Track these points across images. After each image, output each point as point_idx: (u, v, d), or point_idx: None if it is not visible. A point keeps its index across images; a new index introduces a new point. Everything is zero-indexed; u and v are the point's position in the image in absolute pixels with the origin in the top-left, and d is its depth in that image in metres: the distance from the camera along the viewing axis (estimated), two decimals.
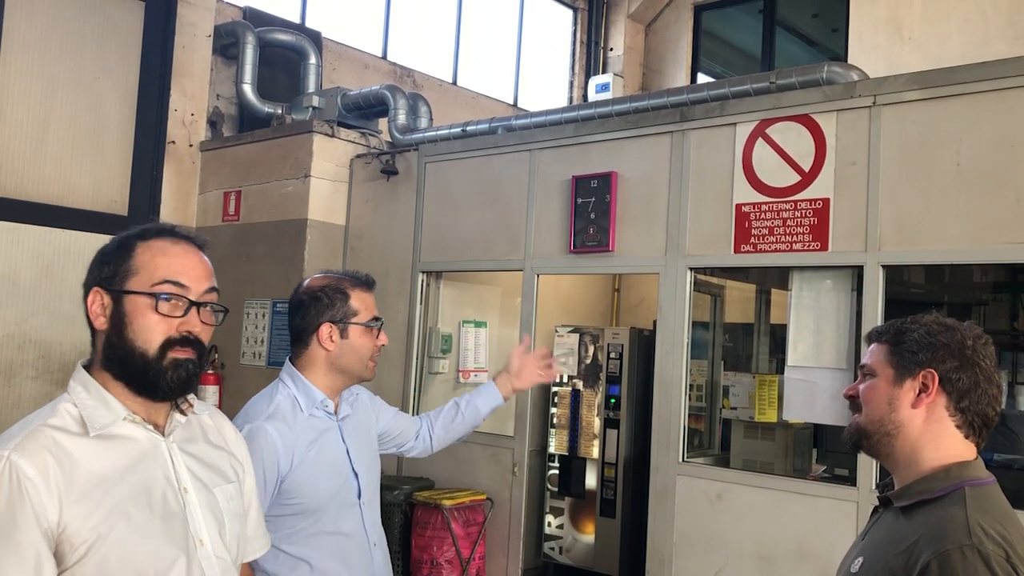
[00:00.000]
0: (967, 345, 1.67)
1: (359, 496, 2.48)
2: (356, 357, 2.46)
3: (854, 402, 1.78)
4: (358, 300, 2.48)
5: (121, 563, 1.50)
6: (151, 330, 1.59)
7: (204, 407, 1.81)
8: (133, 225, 1.71)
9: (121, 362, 1.60)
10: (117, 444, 1.57)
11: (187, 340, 1.62)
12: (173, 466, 1.63)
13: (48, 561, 1.44)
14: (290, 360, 2.50)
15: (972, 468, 1.65)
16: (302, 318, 2.45)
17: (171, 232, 1.67)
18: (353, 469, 2.48)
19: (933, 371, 1.67)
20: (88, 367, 1.64)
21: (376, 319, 2.51)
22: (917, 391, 1.69)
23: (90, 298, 1.61)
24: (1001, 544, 1.49)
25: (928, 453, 1.67)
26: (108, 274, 1.61)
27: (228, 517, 1.72)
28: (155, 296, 1.59)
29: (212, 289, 1.69)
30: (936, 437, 1.68)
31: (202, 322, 1.65)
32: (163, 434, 1.65)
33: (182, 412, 1.70)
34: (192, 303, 1.63)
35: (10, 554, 1.41)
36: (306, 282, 2.54)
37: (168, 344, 1.60)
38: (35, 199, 6.26)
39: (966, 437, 1.67)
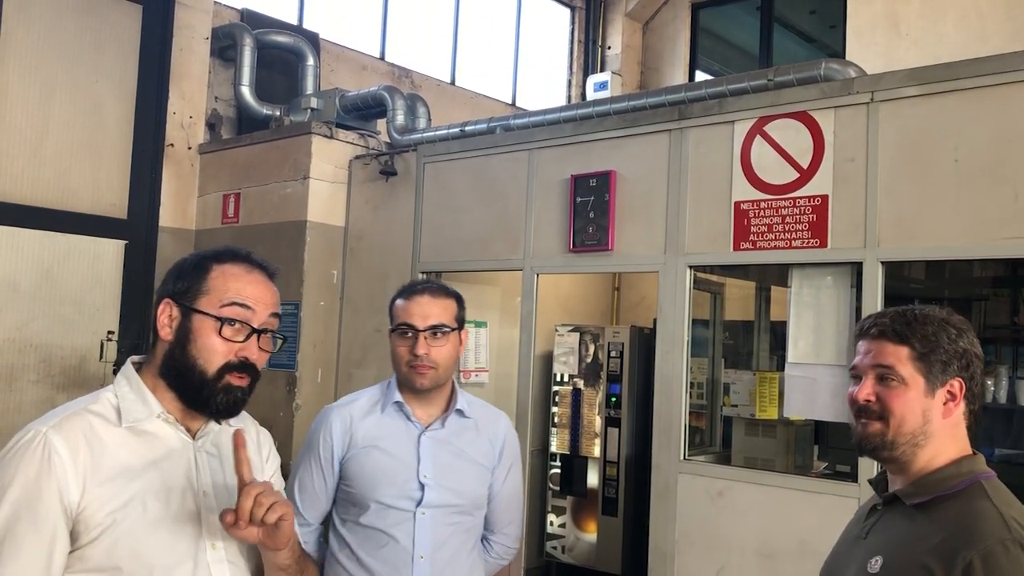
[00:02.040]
0: (977, 345, 1.69)
1: (418, 505, 2.43)
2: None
3: (870, 408, 1.70)
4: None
5: (129, 552, 1.54)
6: (213, 351, 1.66)
7: (240, 418, 1.82)
8: (133, 228, 1.77)
9: (179, 374, 1.66)
10: (146, 439, 1.64)
11: (244, 366, 1.68)
12: (196, 469, 1.68)
13: (63, 537, 1.51)
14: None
15: (979, 462, 1.67)
16: None
17: (246, 259, 1.74)
18: (419, 479, 2.44)
19: (962, 380, 1.68)
20: (139, 365, 1.72)
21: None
22: (945, 400, 1.68)
23: (160, 308, 1.69)
24: None
25: (944, 454, 1.67)
26: (181, 289, 1.68)
27: None
28: (221, 320, 1.66)
29: (274, 315, 1.75)
30: (953, 438, 1.69)
31: (260, 348, 1.71)
32: (193, 438, 1.70)
33: (217, 421, 1.74)
34: (254, 330, 1.69)
35: (29, 523, 1.48)
36: None
37: (226, 368, 1.66)
38: (34, 203, 6.26)
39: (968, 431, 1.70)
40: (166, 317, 1.67)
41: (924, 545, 1.55)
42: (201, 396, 1.66)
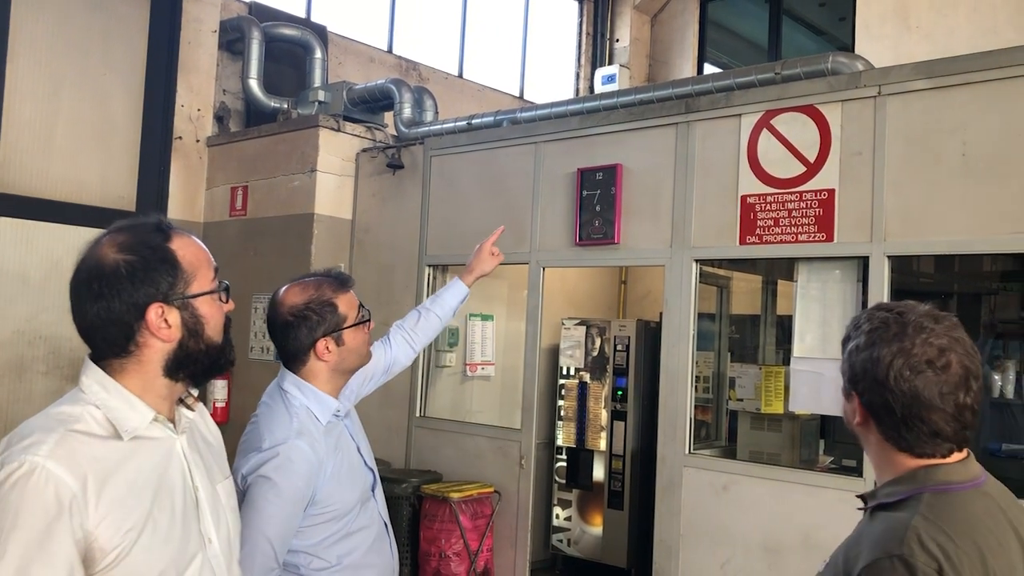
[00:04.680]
0: (887, 367, 1.55)
1: (373, 489, 2.51)
2: (355, 355, 2.44)
3: None
4: (344, 304, 2.40)
5: (146, 567, 1.50)
6: (219, 322, 1.68)
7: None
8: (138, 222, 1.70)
9: (195, 361, 1.64)
10: (146, 446, 1.58)
11: (228, 319, 1.72)
12: (187, 464, 1.65)
13: (79, 571, 1.43)
14: (288, 370, 2.41)
15: (943, 472, 1.56)
16: (294, 340, 2.35)
17: (168, 227, 1.67)
18: (366, 464, 2.50)
19: (857, 397, 1.61)
20: (100, 362, 1.61)
21: (362, 310, 2.46)
22: (853, 414, 1.64)
23: (151, 319, 1.58)
24: (936, 557, 1.42)
25: (896, 456, 1.60)
26: (166, 287, 1.60)
27: (229, 514, 1.74)
28: (218, 291, 1.67)
29: None
30: (884, 450, 1.62)
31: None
32: (175, 430, 1.66)
33: (188, 407, 1.72)
34: (226, 285, 1.72)
35: (42, 567, 1.39)
36: (284, 296, 2.39)
37: (226, 328, 1.70)
38: (43, 196, 6.29)
39: (932, 443, 1.56)
40: (162, 322, 1.59)
41: (850, 551, 1.54)
42: (218, 364, 1.68)
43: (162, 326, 1.59)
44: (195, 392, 1.76)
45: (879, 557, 1.45)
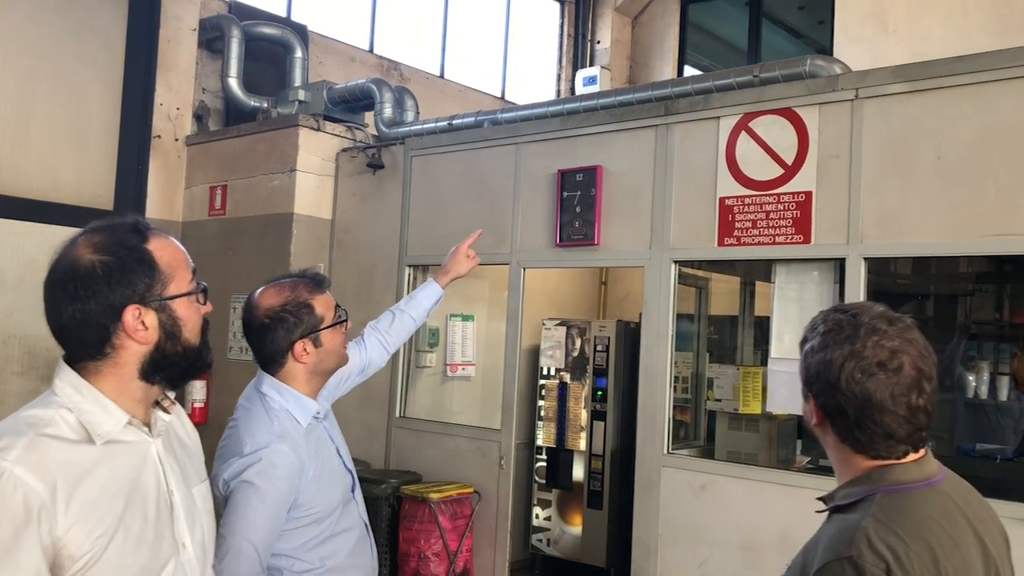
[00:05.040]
0: (838, 370, 1.56)
1: (353, 490, 2.51)
2: (333, 357, 2.43)
3: None
4: (321, 305, 2.39)
5: (117, 573, 1.48)
6: (197, 324, 1.65)
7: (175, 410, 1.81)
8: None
9: (172, 363, 1.62)
10: (119, 450, 1.55)
11: (206, 321, 1.70)
12: (162, 468, 1.63)
13: None
14: (266, 373, 2.39)
15: (898, 471, 1.57)
16: (272, 342, 2.33)
17: (145, 227, 1.65)
18: (346, 466, 2.50)
19: (813, 398, 1.62)
20: (74, 364, 1.58)
21: (339, 311, 2.45)
22: (811, 415, 1.66)
23: (128, 320, 1.55)
24: (884, 558, 1.43)
25: (853, 457, 1.61)
26: (143, 289, 1.57)
27: (205, 518, 1.73)
28: (195, 292, 1.65)
29: None
30: (841, 451, 1.63)
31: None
32: (151, 433, 1.64)
33: (164, 410, 1.70)
34: (204, 287, 1.70)
35: (10, 571, 1.37)
36: (260, 298, 2.37)
37: (204, 330, 1.68)
38: (18, 194, 6.23)
39: (886, 445, 1.57)
40: (139, 324, 1.56)
41: (808, 552, 1.56)
42: (195, 367, 1.66)
43: (139, 328, 1.57)
44: (172, 394, 1.74)
45: (830, 560, 1.46)
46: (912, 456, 1.59)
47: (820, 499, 1.69)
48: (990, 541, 1.58)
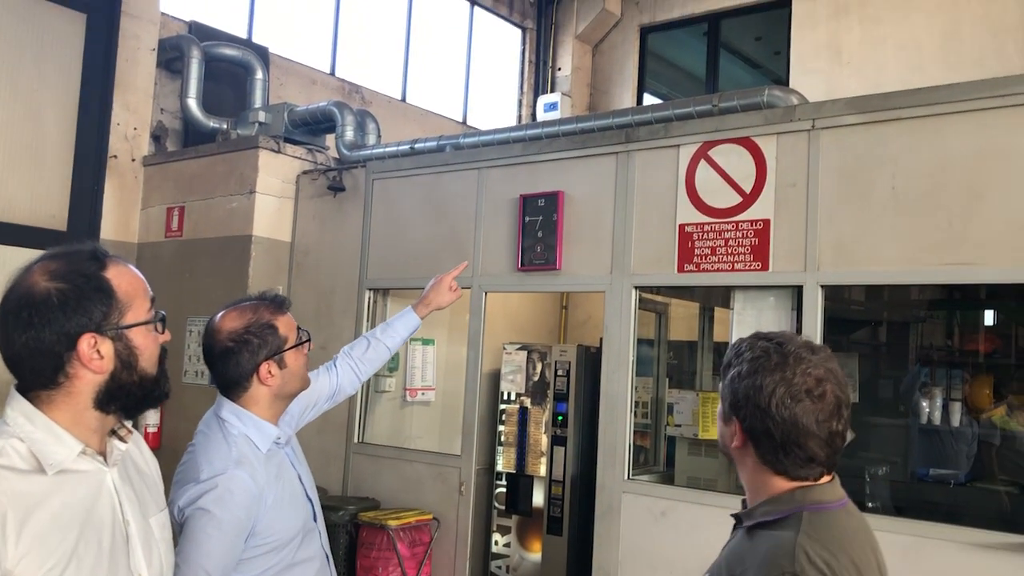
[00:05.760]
0: (769, 395, 1.62)
1: (315, 519, 2.46)
2: (297, 379, 2.40)
3: None
4: (284, 326, 2.36)
5: None
6: (154, 353, 1.63)
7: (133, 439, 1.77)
8: (73, 240, 1.65)
9: (128, 393, 1.59)
10: (73, 480, 1.52)
11: (164, 350, 1.68)
12: (118, 498, 1.60)
13: None
14: (226, 398, 2.34)
15: (818, 492, 1.64)
16: (236, 365, 2.29)
17: (103, 255, 1.63)
18: (307, 494, 2.45)
19: (738, 422, 1.67)
20: (27, 393, 1.55)
21: (301, 332, 2.42)
22: (733, 435, 1.71)
23: (83, 349, 1.53)
24: (823, 571, 1.50)
25: (771, 478, 1.66)
26: (99, 317, 1.55)
27: (163, 547, 1.69)
28: (154, 321, 1.62)
29: None
30: (760, 473, 1.68)
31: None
32: (106, 463, 1.60)
33: (120, 439, 1.66)
34: (163, 316, 1.67)
35: None
36: (222, 322, 2.34)
37: (161, 359, 1.66)
38: None
39: (806, 467, 1.64)
40: (94, 352, 1.54)
41: (732, 569, 1.61)
42: (152, 397, 1.63)
43: (94, 357, 1.54)
44: (129, 423, 1.71)
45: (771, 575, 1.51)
46: (826, 478, 1.67)
47: (734, 516, 1.75)
48: (880, 566, 1.68)
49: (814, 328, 4.32)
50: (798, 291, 4.46)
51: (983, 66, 7.56)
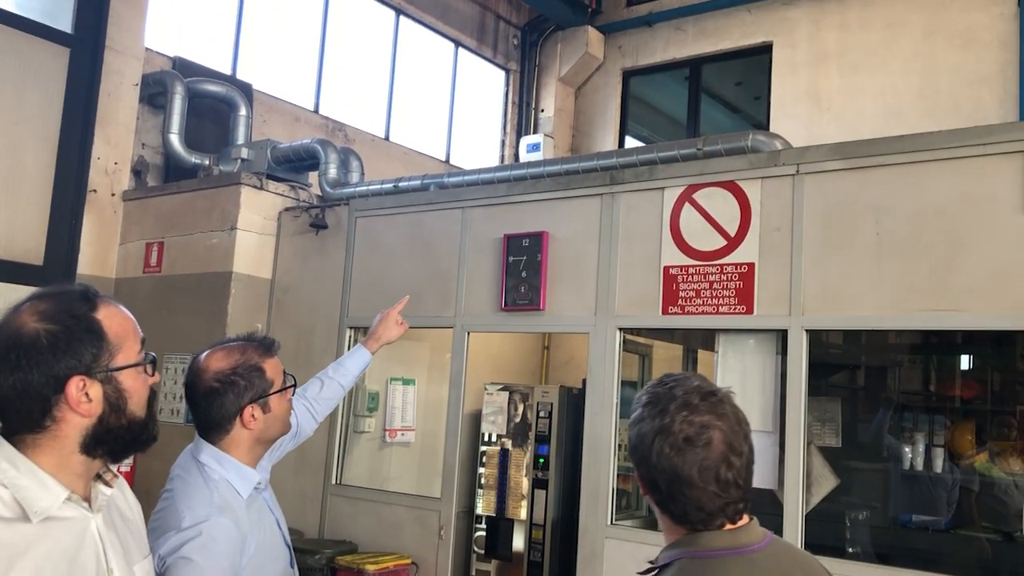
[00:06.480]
0: (649, 445, 1.60)
1: (292, 564, 2.40)
2: (279, 423, 2.34)
3: None
4: (271, 370, 2.31)
5: None
6: (143, 396, 1.60)
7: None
8: (50, 275, 1.62)
9: (116, 437, 1.55)
10: (58, 528, 1.47)
11: (153, 392, 1.64)
12: (102, 545, 1.55)
13: None
14: (205, 441, 2.27)
15: (704, 539, 1.58)
16: (220, 407, 2.23)
17: (94, 295, 1.59)
18: (285, 540, 2.39)
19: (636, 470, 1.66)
20: (11, 437, 1.51)
21: (287, 376, 2.37)
22: (639, 481, 1.69)
23: (72, 392, 1.49)
24: None
25: (670, 524, 1.64)
26: (89, 359, 1.52)
27: None
28: (144, 364, 1.60)
29: None
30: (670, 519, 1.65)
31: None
32: (91, 509, 1.56)
33: (106, 483, 1.61)
34: (152, 357, 1.65)
35: None
36: (208, 361, 2.28)
37: (150, 402, 1.62)
38: None
39: (698, 515, 1.59)
40: (83, 395, 1.51)
41: None
42: (139, 440, 1.60)
43: (82, 400, 1.51)
44: (114, 467, 1.65)
45: None
46: (730, 526, 1.60)
47: (650, 562, 1.69)
48: None
49: (799, 373, 4.32)
50: (783, 335, 4.45)
51: (960, 113, 7.69)
